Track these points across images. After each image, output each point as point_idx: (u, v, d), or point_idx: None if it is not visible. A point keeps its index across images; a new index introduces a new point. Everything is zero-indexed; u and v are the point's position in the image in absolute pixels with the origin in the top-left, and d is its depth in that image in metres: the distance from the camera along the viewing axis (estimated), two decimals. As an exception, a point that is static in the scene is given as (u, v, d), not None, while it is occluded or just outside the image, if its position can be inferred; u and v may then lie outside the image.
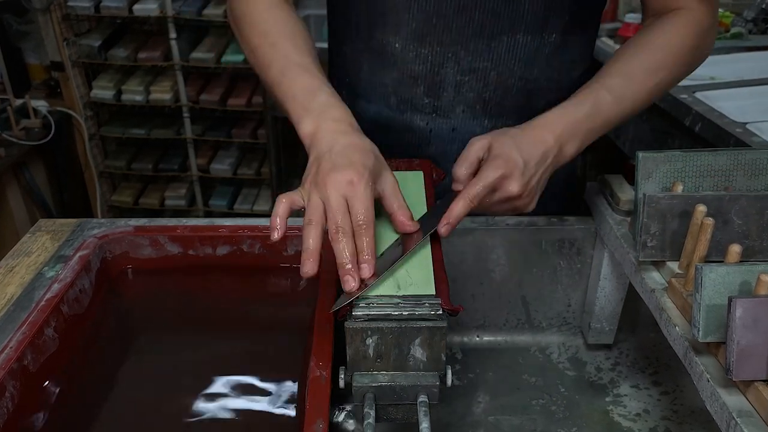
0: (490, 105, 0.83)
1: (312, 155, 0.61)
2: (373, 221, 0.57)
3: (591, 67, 0.88)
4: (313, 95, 0.65)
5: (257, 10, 0.75)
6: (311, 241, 0.55)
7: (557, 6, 0.77)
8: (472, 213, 0.64)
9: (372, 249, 0.56)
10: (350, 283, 0.55)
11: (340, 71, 0.91)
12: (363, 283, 0.56)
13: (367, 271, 0.56)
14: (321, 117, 0.63)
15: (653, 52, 0.73)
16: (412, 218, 0.61)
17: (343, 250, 0.56)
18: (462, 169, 0.65)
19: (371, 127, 0.88)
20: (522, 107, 0.83)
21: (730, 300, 0.47)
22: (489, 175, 0.63)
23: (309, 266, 0.55)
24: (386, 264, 0.58)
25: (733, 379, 0.49)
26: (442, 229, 0.61)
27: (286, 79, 0.68)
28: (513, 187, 0.64)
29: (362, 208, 0.56)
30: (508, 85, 0.82)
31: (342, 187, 0.56)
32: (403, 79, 0.83)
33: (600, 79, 0.72)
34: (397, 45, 0.81)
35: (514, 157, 0.64)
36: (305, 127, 0.63)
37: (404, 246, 0.60)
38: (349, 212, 0.56)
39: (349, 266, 0.55)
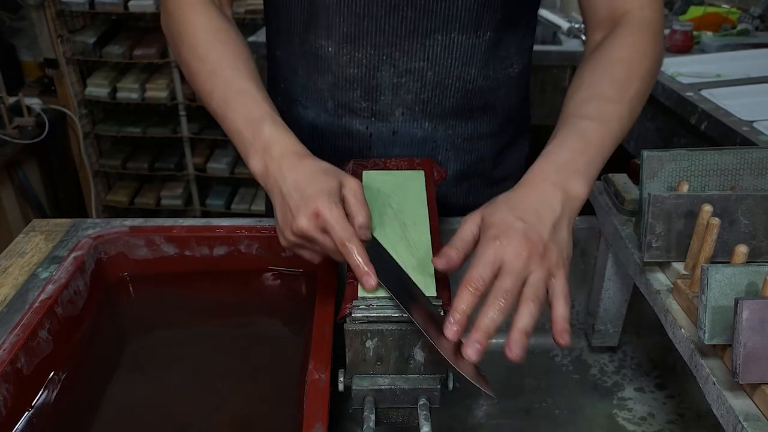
0: (429, 106, 0.82)
1: (270, 195, 0.63)
2: (354, 233, 0.58)
3: (528, 65, 0.88)
4: (256, 128, 0.65)
5: (193, 30, 0.73)
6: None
7: (490, 3, 0.76)
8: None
9: (366, 258, 0.57)
10: (370, 282, 0.57)
11: (275, 76, 0.89)
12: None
13: (371, 281, 0.57)
14: (266, 153, 0.64)
15: (619, 68, 0.69)
16: (368, 219, 0.60)
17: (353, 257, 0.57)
18: (452, 249, 0.56)
19: (310, 132, 0.86)
20: (461, 107, 0.83)
21: (736, 301, 0.47)
22: (485, 249, 0.54)
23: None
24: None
25: (740, 382, 0.48)
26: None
27: (229, 112, 0.68)
28: (510, 250, 0.53)
29: (338, 228, 0.57)
30: (445, 85, 0.81)
31: (312, 225, 0.58)
32: (338, 83, 0.81)
33: (573, 112, 0.66)
34: (330, 49, 0.79)
35: (508, 219, 0.55)
36: (254, 166, 0.64)
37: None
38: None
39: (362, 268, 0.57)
